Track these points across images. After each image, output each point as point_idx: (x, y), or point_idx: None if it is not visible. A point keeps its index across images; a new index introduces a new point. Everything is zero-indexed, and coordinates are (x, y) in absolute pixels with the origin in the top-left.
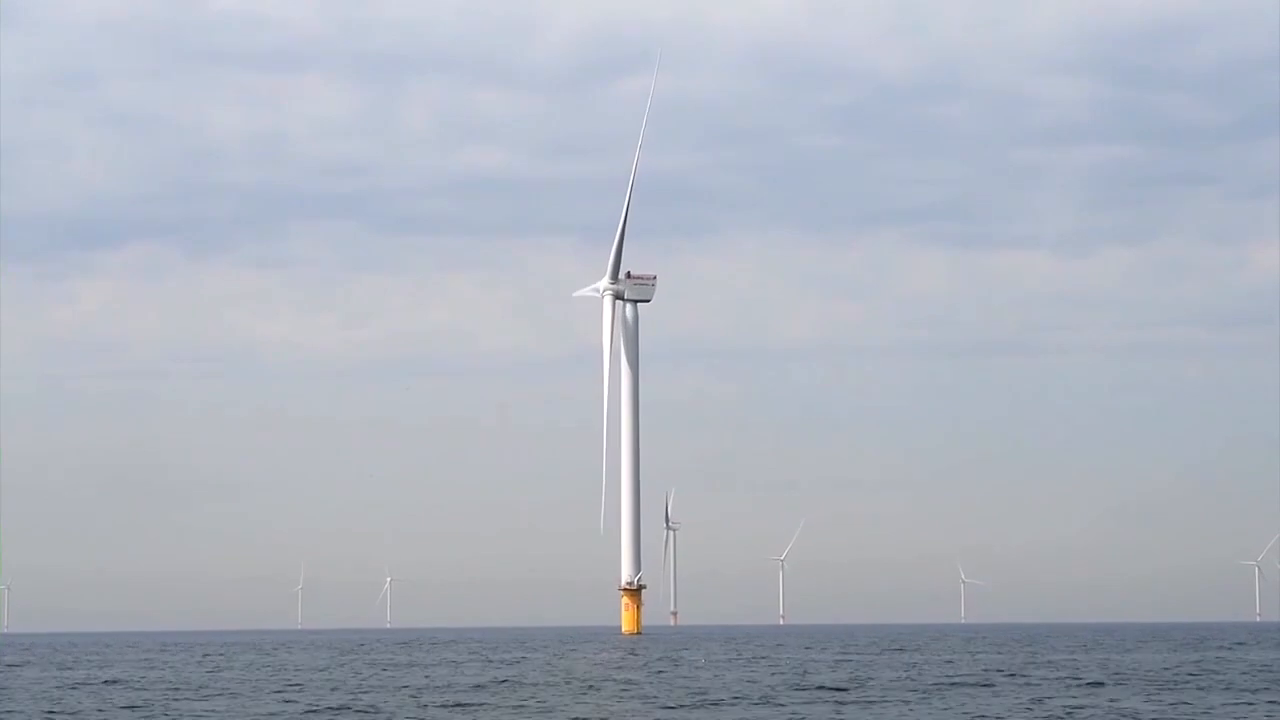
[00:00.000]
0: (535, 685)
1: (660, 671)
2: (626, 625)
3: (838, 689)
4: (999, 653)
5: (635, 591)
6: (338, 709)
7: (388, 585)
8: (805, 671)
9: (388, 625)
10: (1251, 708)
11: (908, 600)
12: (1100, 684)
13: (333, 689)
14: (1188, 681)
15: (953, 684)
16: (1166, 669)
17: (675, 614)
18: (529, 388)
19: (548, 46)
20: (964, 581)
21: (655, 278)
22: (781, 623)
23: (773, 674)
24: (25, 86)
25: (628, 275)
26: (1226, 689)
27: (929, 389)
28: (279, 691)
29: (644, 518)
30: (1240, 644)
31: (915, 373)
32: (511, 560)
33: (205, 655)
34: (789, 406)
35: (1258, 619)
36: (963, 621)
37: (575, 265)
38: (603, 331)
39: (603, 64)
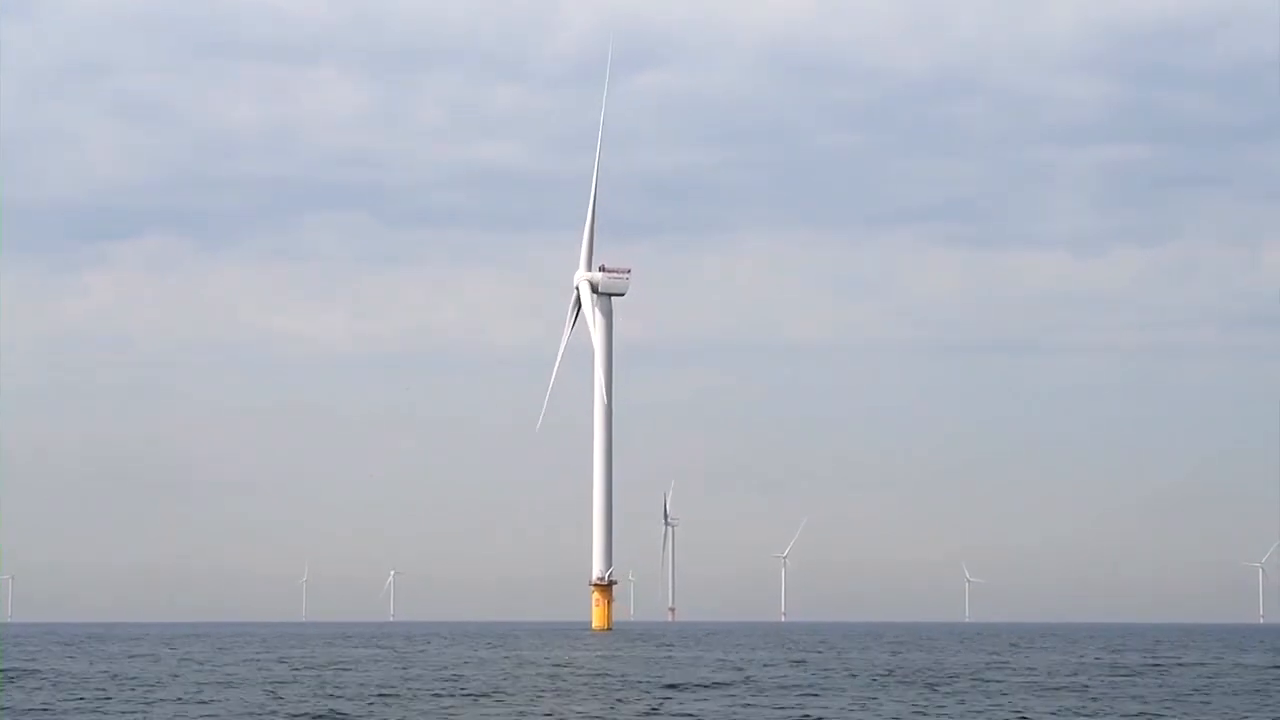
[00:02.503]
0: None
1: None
2: (597, 621)
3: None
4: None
5: (606, 587)
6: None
7: (391, 578)
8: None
9: (391, 618)
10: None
11: (912, 598)
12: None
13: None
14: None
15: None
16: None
17: (673, 610)
18: (538, 383)
19: (561, 41)
20: (969, 580)
21: (629, 271)
22: (783, 619)
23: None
24: (38, 77)
25: (601, 268)
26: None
27: (939, 388)
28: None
29: (628, 513)
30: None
31: (926, 372)
32: (512, 556)
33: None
34: (797, 404)
35: (1261, 621)
36: (967, 620)
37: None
38: (565, 322)
39: (616, 59)
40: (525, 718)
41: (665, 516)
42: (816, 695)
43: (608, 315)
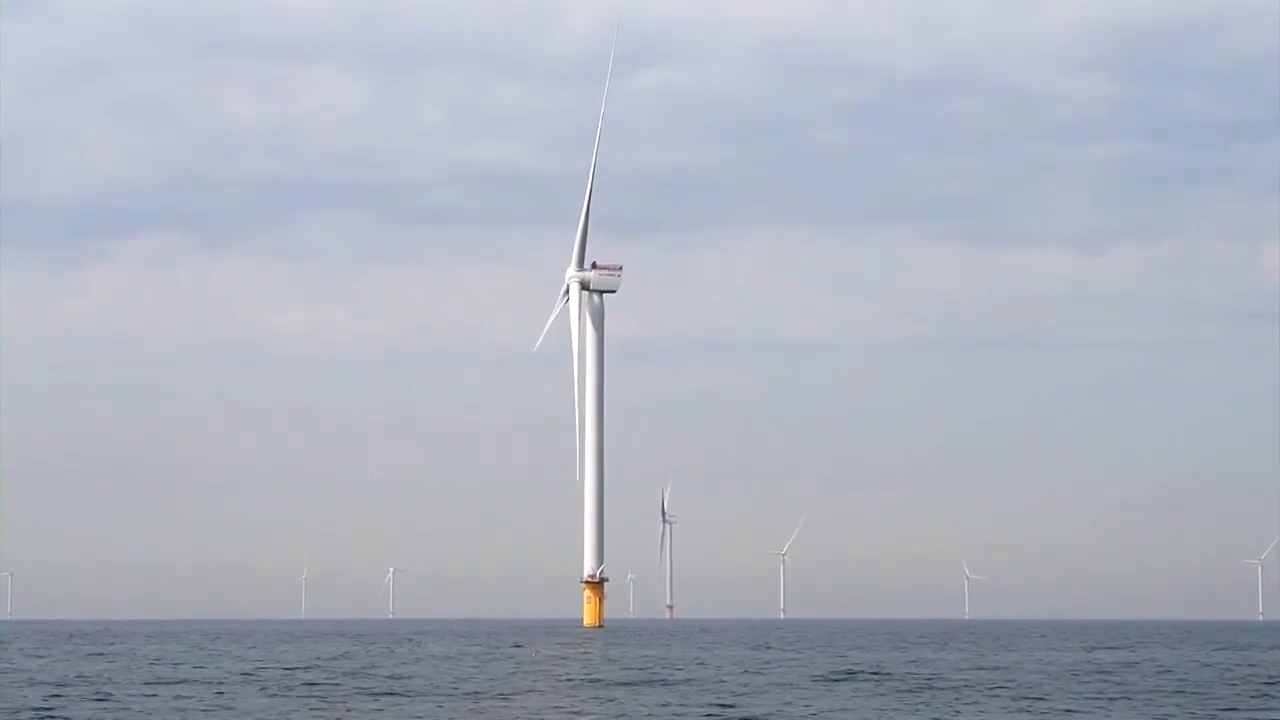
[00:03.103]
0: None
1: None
2: (588, 618)
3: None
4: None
5: (597, 584)
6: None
7: (390, 576)
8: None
9: (390, 615)
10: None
11: (912, 596)
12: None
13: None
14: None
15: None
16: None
17: (671, 607)
18: (538, 383)
19: (561, 40)
20: (968, 577)
21: (621, 268)
22: (782, 616)
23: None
24: (38, 77)
25: (593, 265)
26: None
27: (939, 386)
28: None
29: (626, 512)
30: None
31: (926, 369)
32: (511, 554)
33: None
34: (797, 401)
35: (1260, 618)
36: (966, 617)
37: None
38: (550, 314)
39: (617, 57)
40: (449, 717)
41: (663, 514)
42: (758, 693)
43: (599, 312)
